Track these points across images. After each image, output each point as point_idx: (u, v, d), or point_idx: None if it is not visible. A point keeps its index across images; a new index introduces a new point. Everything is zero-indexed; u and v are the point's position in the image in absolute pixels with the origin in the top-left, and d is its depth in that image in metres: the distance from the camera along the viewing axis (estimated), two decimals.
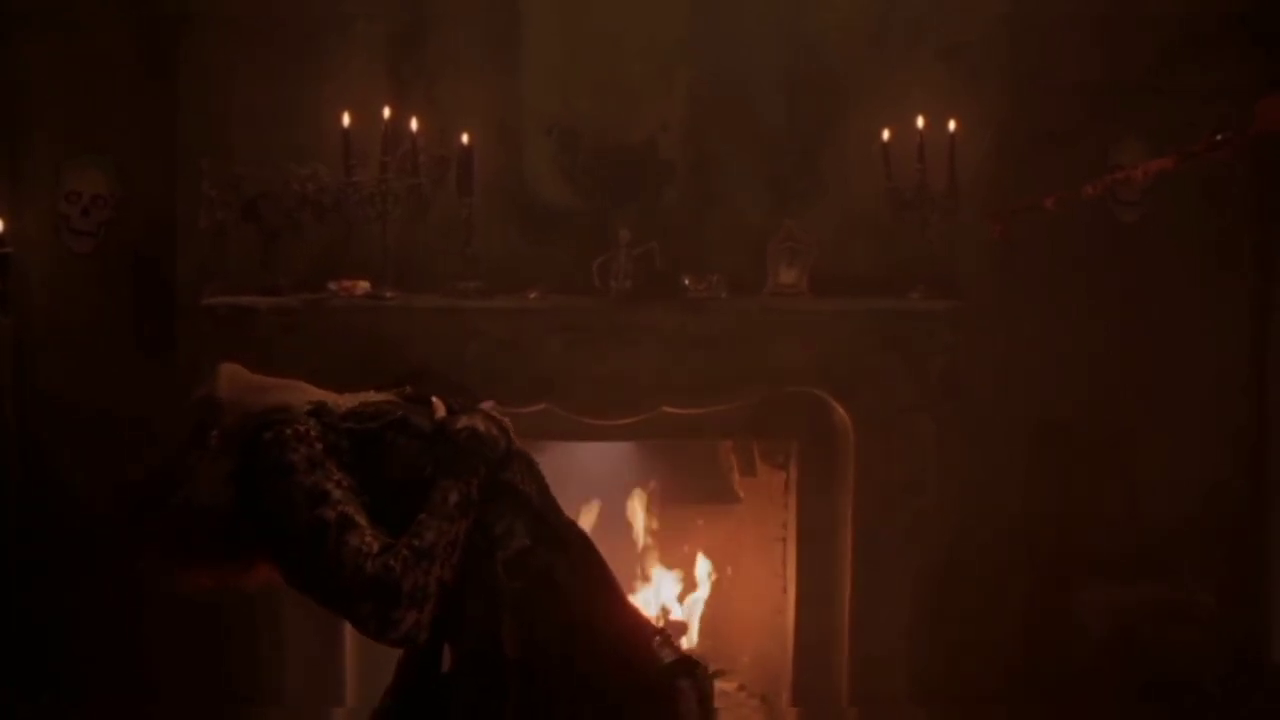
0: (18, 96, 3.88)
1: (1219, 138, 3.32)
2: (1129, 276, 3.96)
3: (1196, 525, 4.04)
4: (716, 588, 4.18)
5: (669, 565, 4.19)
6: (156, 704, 3.77)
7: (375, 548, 1.80)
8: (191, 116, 3.82)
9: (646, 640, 1.99)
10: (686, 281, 3.72)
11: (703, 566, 4.18)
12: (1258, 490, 4.12)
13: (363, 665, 3.80)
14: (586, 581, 1.97)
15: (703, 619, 4.15)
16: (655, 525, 4.18)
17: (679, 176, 3.87)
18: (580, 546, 2.02)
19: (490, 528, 1.93)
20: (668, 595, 4.16)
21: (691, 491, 4.18)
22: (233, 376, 2.02)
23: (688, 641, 4.02)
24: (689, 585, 4.19)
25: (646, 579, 4.17)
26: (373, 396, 2.07)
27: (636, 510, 4.18)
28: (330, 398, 2.04)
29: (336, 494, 1.84)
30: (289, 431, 1.89)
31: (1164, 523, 4.04)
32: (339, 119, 3.62)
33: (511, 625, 1.88)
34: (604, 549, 2.06)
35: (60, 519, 3.85)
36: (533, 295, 3.72)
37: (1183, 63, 3.89)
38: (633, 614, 2.06)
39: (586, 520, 3.97)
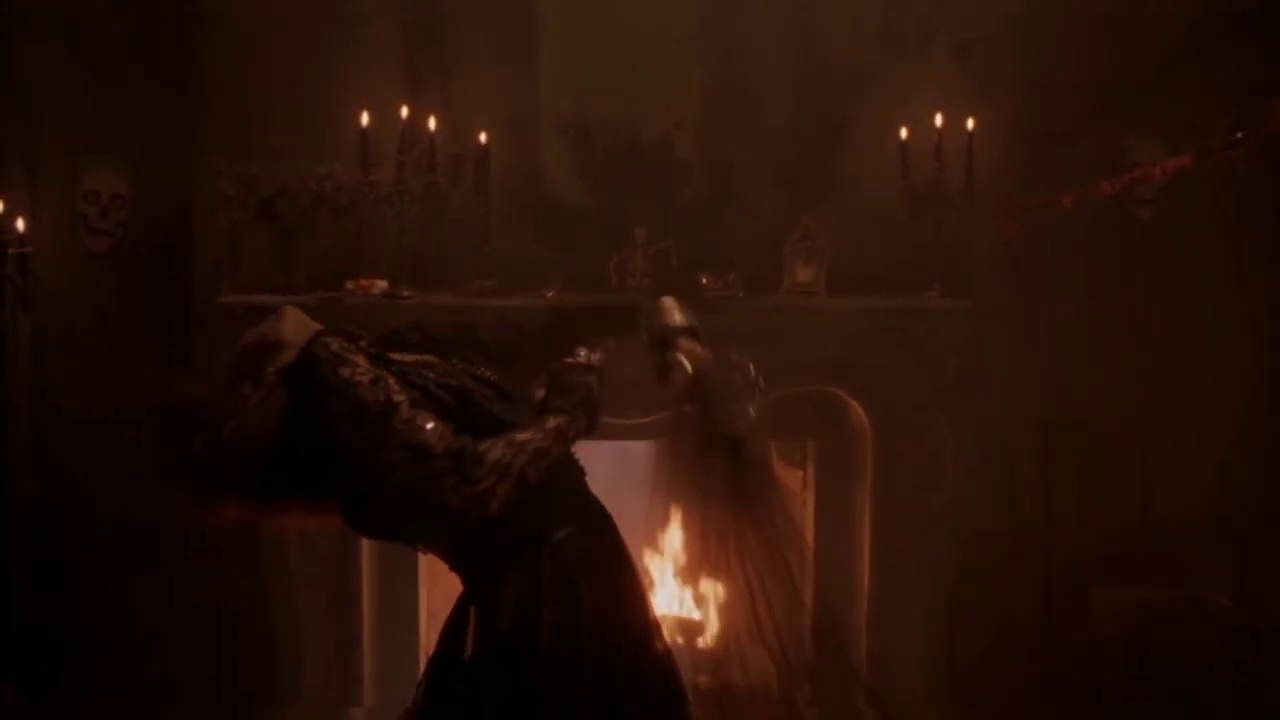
0: (37, 96, 3.90)
1: (1237, 135, 3.32)
2: (1143, 273, 3.96)
3: (1211, 524, 4.03)
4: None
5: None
6: (173, 704, 3.78)
7: (450, 430, 1.82)
8: (208, 116, 3.84)
9: (661, 634, 2.02)
10: (703, 280, 3.72)
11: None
12: (1273, 489, 4.11)
13: (380, 665, 3.81)
14: (619, 571, 2.00)
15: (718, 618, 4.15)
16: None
17: (694, 175, 3.88)
18: (614, 533, 2.03)
19: (541, 513, 1.94)
20: (684, 595, 4.15)
21: None
22: (296, 319, 2.03)
23: (703, 642, 4.02)
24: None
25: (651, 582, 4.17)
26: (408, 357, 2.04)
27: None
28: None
29: (400, 395, 1.85)
30: (336, 346, 1.91)
31: (1178, 521, 4.03)
32: (356, 118, 3.63)
33: (552, 611, 1.89)
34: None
35: (74, 518, 3.87)
36: (549, 294, 3.73)
37: (1194, 61, 3.88)
38: (650, 607, 2.07)
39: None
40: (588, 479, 2.08)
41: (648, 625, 2.02)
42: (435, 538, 1.98)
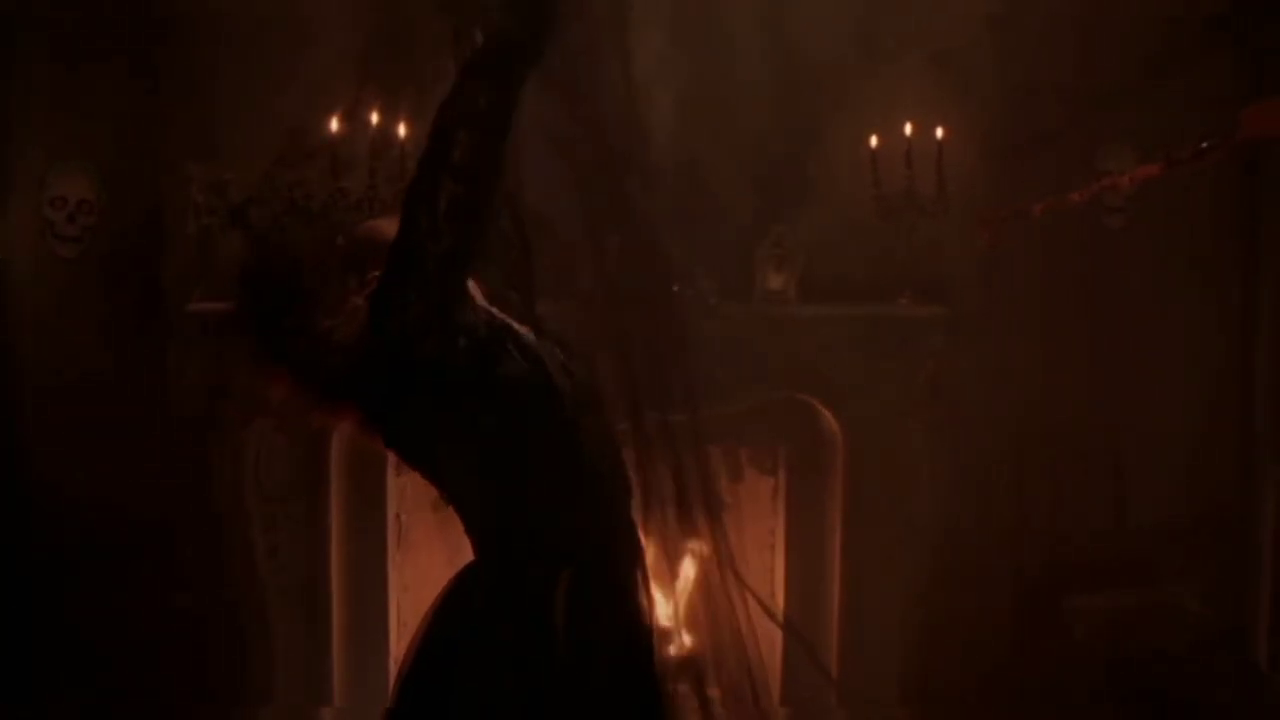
0: (3, 101, 3.87)
1: (1205, 145, 3.34)
2: (1115, 281, 3.97)
3: (1183, 530, 4.05)
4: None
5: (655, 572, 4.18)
6: (144, 705, 3.76)
7: None
8: (178, 122, 3.81)
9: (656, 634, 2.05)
10: (675, 287, 3.71)
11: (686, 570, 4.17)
12: (1244, 496, 4.14)
13: (351, 666, 3.80)
14: (629, 562, 2.02)
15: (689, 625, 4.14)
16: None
17: (667, 181, 3.87)
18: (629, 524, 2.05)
19: (596, 509, 1.96)
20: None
21: None
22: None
23: (675, 649, 4.01)
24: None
25: None
26: None
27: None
28: None
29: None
30: None
31: (1150, 526, 4.05)
32: (327, 125, 3.61)
33: (564, 594, 1.91)
34: None
35: (44, 521, 3.83)
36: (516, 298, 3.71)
37: (1164, 71, 3.90)
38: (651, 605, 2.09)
39: None
40: None
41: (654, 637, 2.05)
42: (468, 467, 1.94)
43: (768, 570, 4.01)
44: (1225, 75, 3.86)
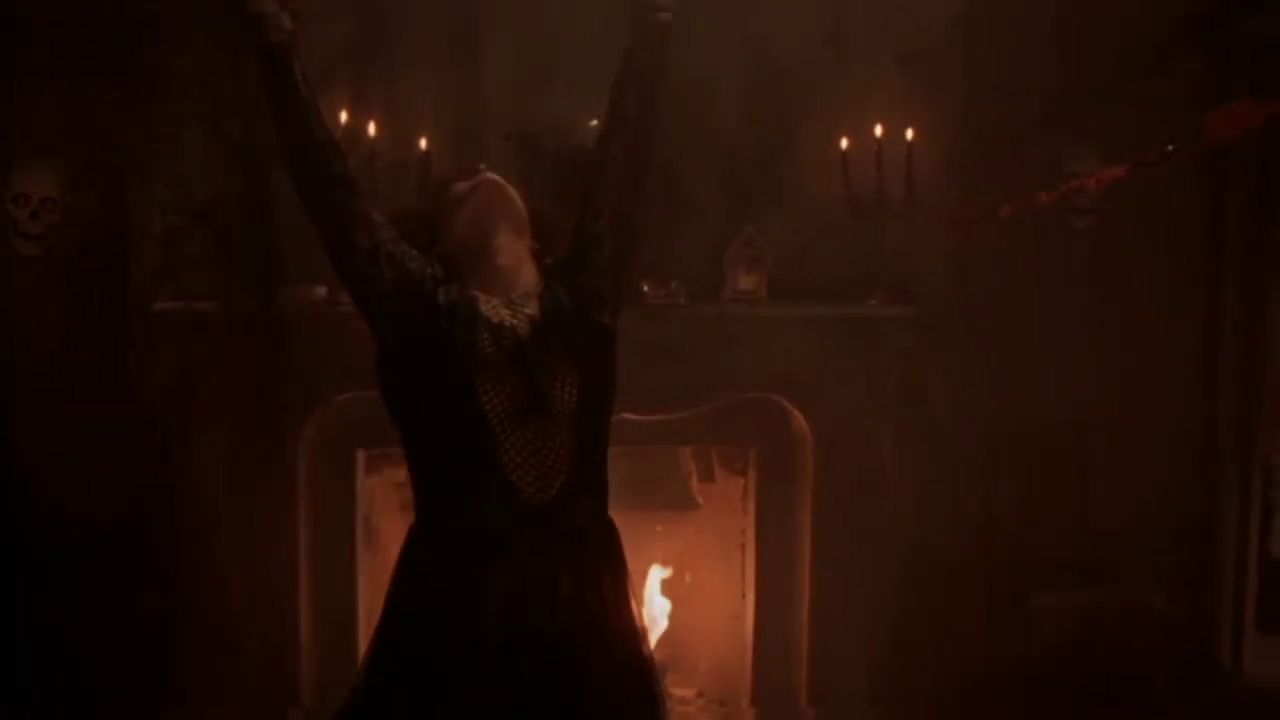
0: None
1: (1170, 149, 3.37)
2: (1082, 283, 4.00)
3: (1148, 528, 4.09)
4: (675, 594, 4.18)
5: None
6: (111, 706, 3.72)
7: None
8: (144, 119, 3.77)
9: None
10: (645, 287, 3.71)
11: (655, 575, 4.17)
12: (1207, 494, 4.18)
13: (319, 666, 3.77)
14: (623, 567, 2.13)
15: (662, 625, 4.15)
16: None
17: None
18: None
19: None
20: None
21: (650, 498, 4.17)
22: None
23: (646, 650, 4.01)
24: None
25: None
26: None
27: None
28: None
29: None
30: None
31: (1117, 526, 4.09)
32: None
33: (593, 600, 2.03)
34: None
35: (8, 522, 3.79)
36: None
37: (1132, 74, 3.94)
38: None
39: None
40: None
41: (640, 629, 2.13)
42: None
43: (738, 570, 4.02)
44: (1192, 77, 3.90)
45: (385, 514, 4.03)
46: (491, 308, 2.07)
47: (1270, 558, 4.24)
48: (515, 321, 2.07)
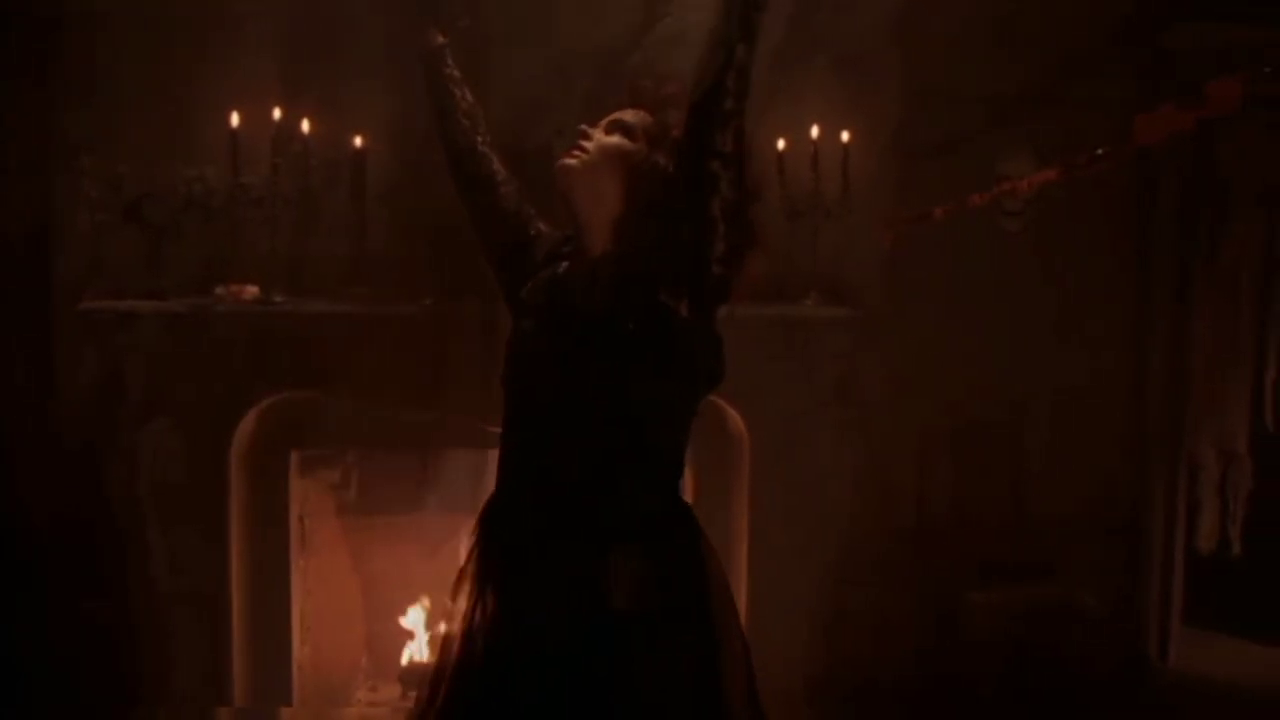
0: None
1: (1100, 151, 3.42)
2: (1017, 283, 4.06)
3: (1080, 525, 4.16)
4: None
5: None
6: (43, 705, 3.65)
7: None
8: (72, 115, 3.69)
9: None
10: None
11: None
12: (1137, 494, 4.26)
13: (253, 667, 3.72)
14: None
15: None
16: None
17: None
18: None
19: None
20: None
21: None
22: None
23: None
24: None
25: None
26: None
27: None
28: None
29: None
30: None
31: (1049, 523, 4.15)
32: (227, 119, 3.53)
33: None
34: None
35: None
36: (426, 301, 3.68)
37: (1064, 77, 4.00)
38: None
39: None
40: None
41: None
42: None
43: None
44: (1124, 82, 3.96)
45: (319, 516, 3.98)
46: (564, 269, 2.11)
47: (1197, 554, 4.33)
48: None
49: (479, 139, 2.27)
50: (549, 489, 2.01)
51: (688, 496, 3.96)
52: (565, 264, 2.11)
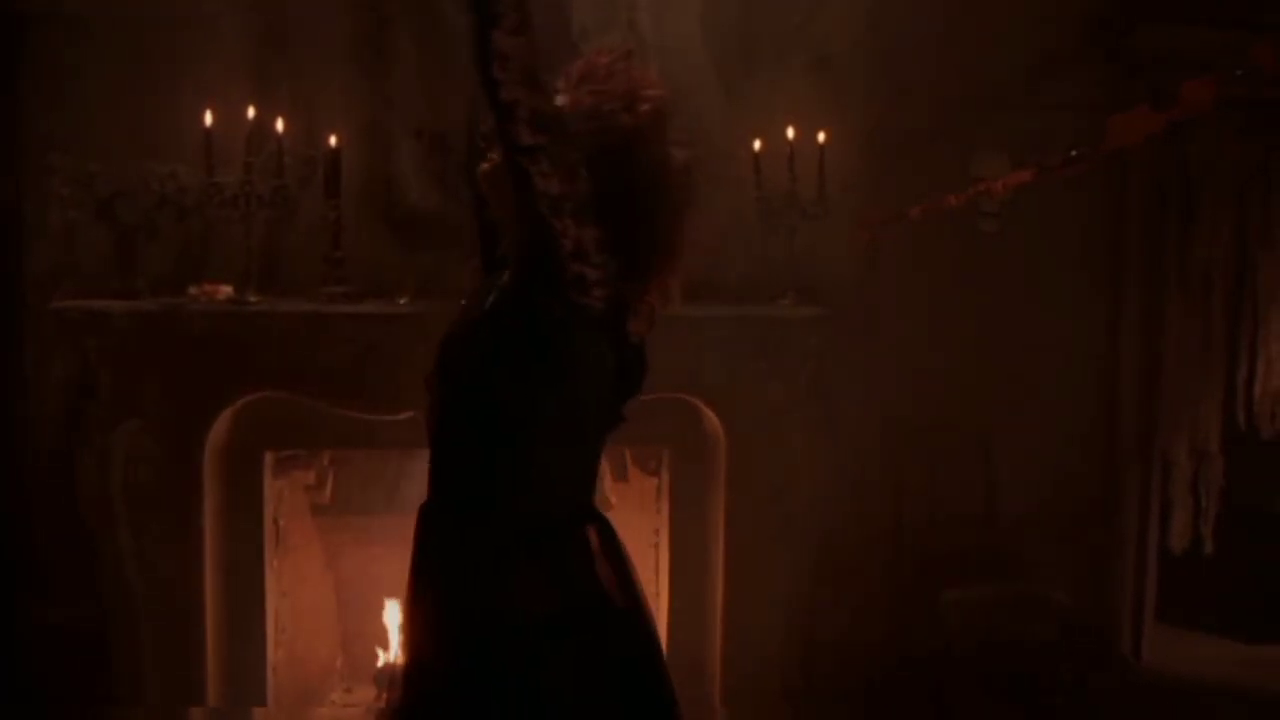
0: None
1: (1074, 153, 3.45)
2: (990, 283, 4.07)
3: (1052, 522, 4.19)
4: None
5: None
6: (12, 708, 3.62)
7: None
8: (41, 113, 3.66)
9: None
10: None
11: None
12: (1108, 489, 4.29)
13: (226, 669, 3.70)
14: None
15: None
16: None
17: None
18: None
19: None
20: None
21: None
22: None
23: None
24: None
25: None
26: None
27: None
28: None
29: None
30: None
31: (1021, 520, 4.18)
32: (200, 118, 3.51)
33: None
34: None
35: None
36: (402, 301, 3.66)
37: (1041, 78, 4.02)
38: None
39: None
40: None
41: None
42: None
43: (652, 569, 4.03)
44: (1097, 83, 3.99)
45: (293, 517, 3.96)
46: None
47: (1169, 552, 4.36)
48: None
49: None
50: (444, 494, 2.00)
51: (663, 496, 4.00)
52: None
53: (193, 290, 3.60)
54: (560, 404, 1.93)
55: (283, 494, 3.88)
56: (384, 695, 2.34)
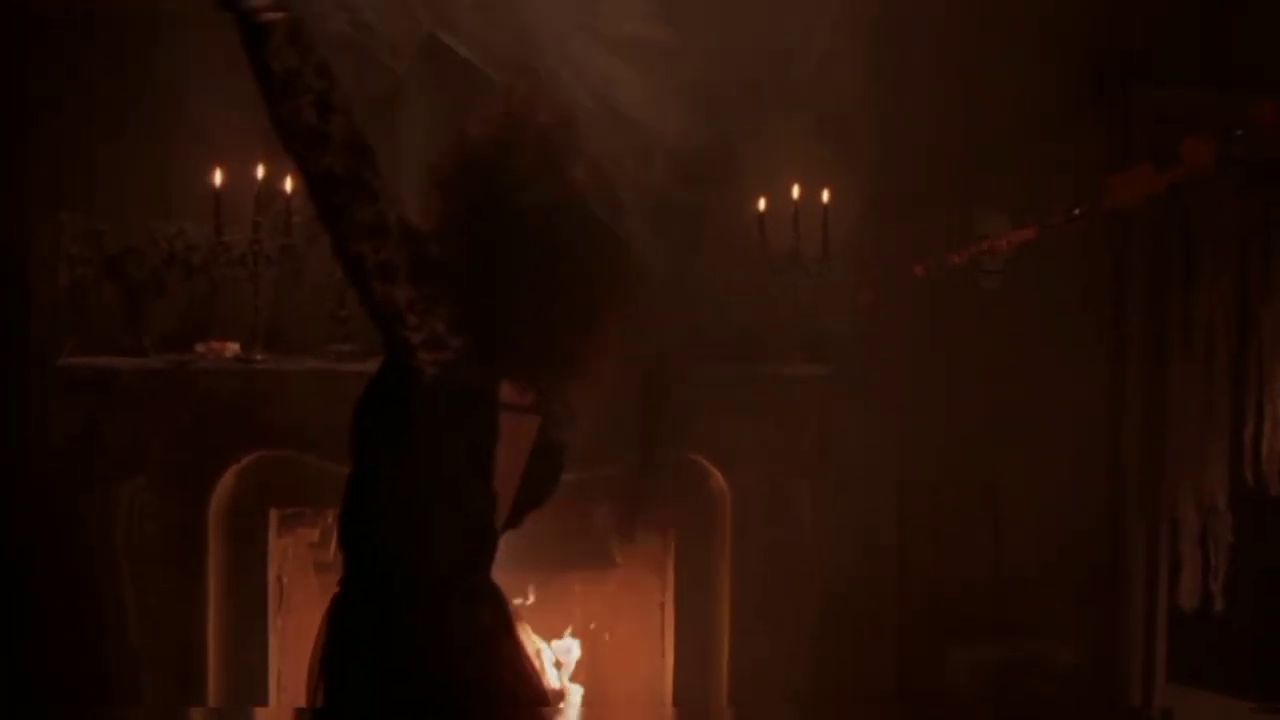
0: None
1: (1076, 212, 3.48)
2: (994, 340, 4.08)
3: (1059, 581, 4.16)
4: (594, 653, 4.14)
5: (546, 633, 4.14)
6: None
7: None
8: (49, 171, 3.69)
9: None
10: None
11: (569, 644, 4.13)
12: (1115, 547, 4.27)
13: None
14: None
15: (581, 685, 4.11)
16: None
17: None
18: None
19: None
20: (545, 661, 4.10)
21: (568, 557, 4.14)
22: None
23: (570, 709, 3.97)
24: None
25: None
26: None
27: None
28: None
29: None
30: None
31: (1028, 578, 4.15)
32: (209, 177, 3.54)
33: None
34: None
35: None
36: None
37: (1038, 138, 4.06)
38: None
39: None
40: None
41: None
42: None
43: (658, 629, 4.01)
44: (1097, 141, 4.02)
45: (297, 574, 3.95)
46: None
47: (1179, 610, 4.33)
48: None
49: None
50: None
51: (669, 555, 3.98)
52: None
53: (199, 348, 3.62)
54: (399, 472, 1.90)
55: (287, 552, 3.87)
56: None
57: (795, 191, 3.79)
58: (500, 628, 1.98)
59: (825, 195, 3.78)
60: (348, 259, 1.82)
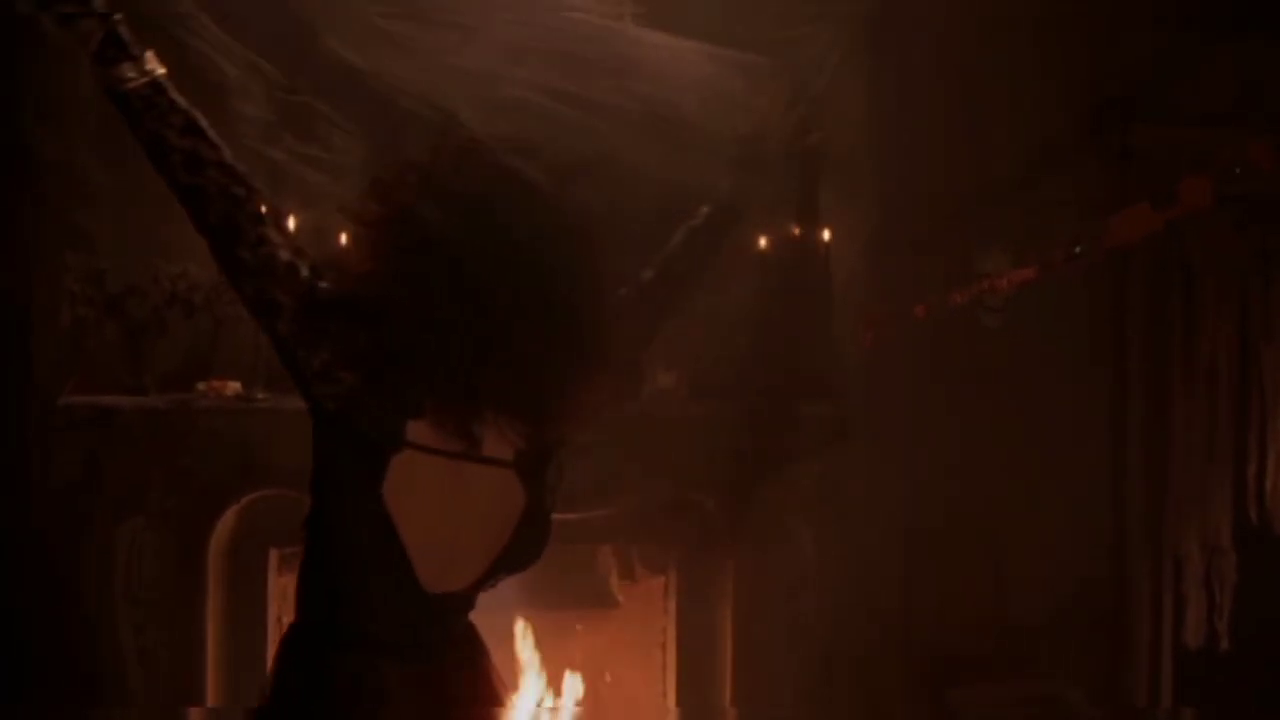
0: None
1: (1077, 251, 3.49)
2: (995, 379, 4.08)
3: (1064, 622, 4.14)
4: (595, 694, 4.11)
5: (545, 672, 4.12)
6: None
7: None
8: (52, 212, 3.71)
9: None
10: None
11: (571, 683, 4.10)
12: (1120, 587, 4.25)
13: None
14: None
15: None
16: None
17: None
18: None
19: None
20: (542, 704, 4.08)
21: (569, 596, 4.13)
22: None
23: None
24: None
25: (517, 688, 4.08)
26: None
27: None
28: None
29: None
30: None
31: (1033, 620, 4.13)
32: None
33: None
34: None
35: None
36: None
37: (1039, 177, 4.07)
38: None
39: None
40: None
41: None
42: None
43: (659, 668, 3.98)
44: (1096, 180, 4.04)
45: None
46: None
47: (1185, 649, 4.30)
48: None
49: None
50: None
51: (670, 595, 3.96)
52: None
53: (201, 387, 3.62)
54: (319, 510, 1.86)
55: (287, 592, 3.85)
56: None
57: (795, 231, 3.79)
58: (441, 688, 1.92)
59: (826, 235, 3.78)
60: (241, 295, 1.86)
